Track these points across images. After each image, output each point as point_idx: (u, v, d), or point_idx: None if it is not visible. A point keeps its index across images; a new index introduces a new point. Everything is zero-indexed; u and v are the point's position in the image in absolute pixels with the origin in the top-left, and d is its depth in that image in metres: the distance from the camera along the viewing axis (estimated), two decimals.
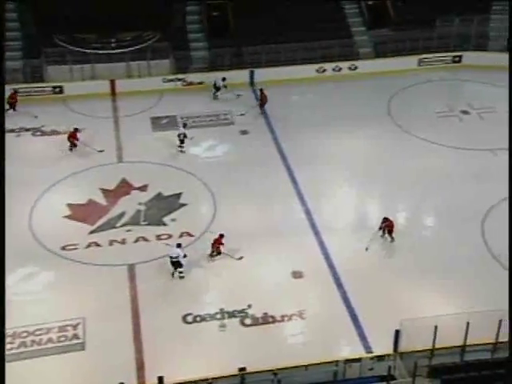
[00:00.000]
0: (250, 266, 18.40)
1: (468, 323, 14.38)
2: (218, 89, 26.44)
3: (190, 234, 19.54)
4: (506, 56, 28.15)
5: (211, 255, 18.47)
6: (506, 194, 20.54)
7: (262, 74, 27.49)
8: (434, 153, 23.08)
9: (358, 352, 15.66)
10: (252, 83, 27.64)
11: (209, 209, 20.61)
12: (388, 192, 21.20)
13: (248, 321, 16.75)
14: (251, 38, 27.86)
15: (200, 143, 24.00)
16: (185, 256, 17.83)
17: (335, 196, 21.34)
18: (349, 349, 15.97)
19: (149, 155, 23.15)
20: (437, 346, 14.63)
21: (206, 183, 21.72)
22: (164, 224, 20.06)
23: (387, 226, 19.09)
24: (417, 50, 28.60)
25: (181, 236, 19.45)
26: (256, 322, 16.69)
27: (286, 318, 16.76)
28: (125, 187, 21.58)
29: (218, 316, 16.87)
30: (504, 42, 28.61)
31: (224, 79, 26.50)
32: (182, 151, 23.17)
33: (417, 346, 14.65)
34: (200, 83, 27.50)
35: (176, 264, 17.78)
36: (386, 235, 19.09)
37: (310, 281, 17.87)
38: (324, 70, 28.20)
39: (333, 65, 28.24)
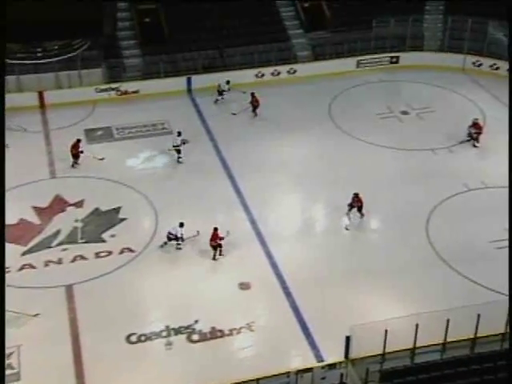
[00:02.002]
0: (195, 279, 18.30)
1: (417, 325, 14.74)
2: (221, 93, 26.47)
3: (131, 250, 19.26)
4: (441, 56, 29.41)
5: (214, 256, 18.80)
6: (449, 194, 21.36)
7: (200, 81, 27.52)
8: (376, 154, 23.62)
9: (310, 361, 15.78)
10: (189, 90, 27.59)
11: (150, 222, 20.39)
12: (333, 196, 21.53)
13: (195, 337, 16.61)
14: (186, 43, 27.85)
15: (138, 154, 23.75)
16: (181, 236, 18.89)
17: (280, 203, 21.50)
18: (300, 359, 16.07)
19: (84, 169, 22.72)
20: (387, 349, 14.91)
21: (145, 196, 21.47)
22: (103, 240, 19.69)
23: (358, 202, 19.93)
24: (355, 51, 29.30)
25: (121, 252, 19.15)
26: (204, 338, 16.57)
27: (234, 332, 16.72)
28: (59, 204, 21.08)
29: (164, 334, 16.65)
30: (438, 41, 29.73)
31: (228, 82, 26.50)
32: (179, 162, 23.04)
33: (368, 351, 14.89)
34: (135, 92, 27.24)
35: (172, 240, 18.85)
36: (355, 213, 20.04)
37: (257, 291, 17.93)
38: (263, 75, 28.46)
39: (271, 69, 28.55)
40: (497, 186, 21.71)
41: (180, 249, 19.03)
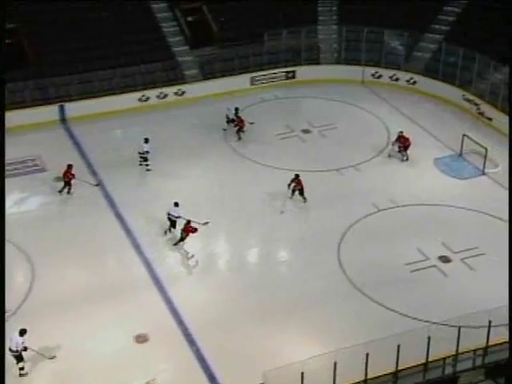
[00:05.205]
0: (83, 336, 17.72)
1: (335, 363, 15.08)
2: (232, 121, 26.38)
3: None
4: (338, 68, 30.76)
5: (179, 241, 20.62)
6: (359, 216, 22.17)
7: (75, 109, 27.11)
8: (278, 178, 23.97)
9: None
10: (63, 120, 27.03)
11: (25, 275, 19.66)
12: (234, 226, 21.75)
13: None
14: (56, 66, 27.29)
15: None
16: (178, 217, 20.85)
17: (176, 241, 21.40)
18: None
19: None
20: None
21: (17, 245, 20.63)
22: None
23: (297, 184, 22.10)
24: (247, 67, 30.02)
25: None
26: None
27: None
28: None
29: None
30: (334, 53, 31.07)
31: (237, 110, 26.22)
32: (148, 170, 24.33)
33: None
34: None
35: (173, 223, 20.83)
36: (297, 195, 22.48)
37: (156, 343, 17.63)
38: (147, 98, 28.44)
39: (156, 91, 28.59)
40: (406, 204, 22.82)
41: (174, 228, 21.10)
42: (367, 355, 15.27)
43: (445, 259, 20.38)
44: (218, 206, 22.60)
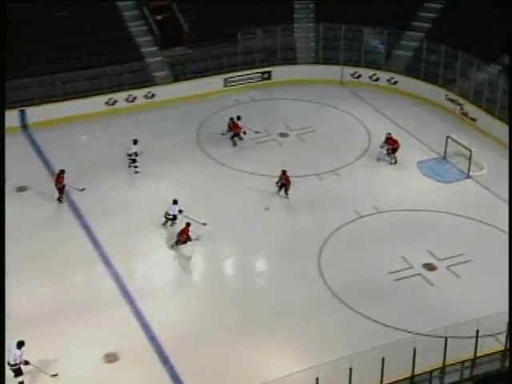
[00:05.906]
0: (48, 356, 17.40)
1: (317, 379, 15.02)
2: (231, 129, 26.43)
3: None
4: (316, 68, 30.88)
5: (176, 243, 21.02)
6: (340, 223, 22.18)
7: (37, 114, 26.87)
8: (257, 185, 24.02)
9: None
10: (24, 126, 26.70)
11: None
12: (211, 235, 21.56)
13: None
14: (15, 68, 26.89)
15: None
16: (180, 211, 21.56)
17: (148, 251, 21.25)
18: None
19: None
20: None
21: None
22: None
23: (285, 181, 22.82)
24: (220, 68, 30.01)
25: None
26: None
27: None
28: None
29: None
30: (312, 52, 31.16)
31: (239, 118, 26.27)
32: (137, 172, 24.35)
33: None
34: None
35: (171, 220, 21.73)
36: (283, 193, 23.18)
37: (127, 362, 17.42)
38: (115, 102, 28.26)
39: (125, 94, 28.46)
40: (389, 209, 22.88)
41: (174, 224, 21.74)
42: (350, 369, 15.22)
43: (430, 267, 20.44)
44: (192, 213, 22.44)
